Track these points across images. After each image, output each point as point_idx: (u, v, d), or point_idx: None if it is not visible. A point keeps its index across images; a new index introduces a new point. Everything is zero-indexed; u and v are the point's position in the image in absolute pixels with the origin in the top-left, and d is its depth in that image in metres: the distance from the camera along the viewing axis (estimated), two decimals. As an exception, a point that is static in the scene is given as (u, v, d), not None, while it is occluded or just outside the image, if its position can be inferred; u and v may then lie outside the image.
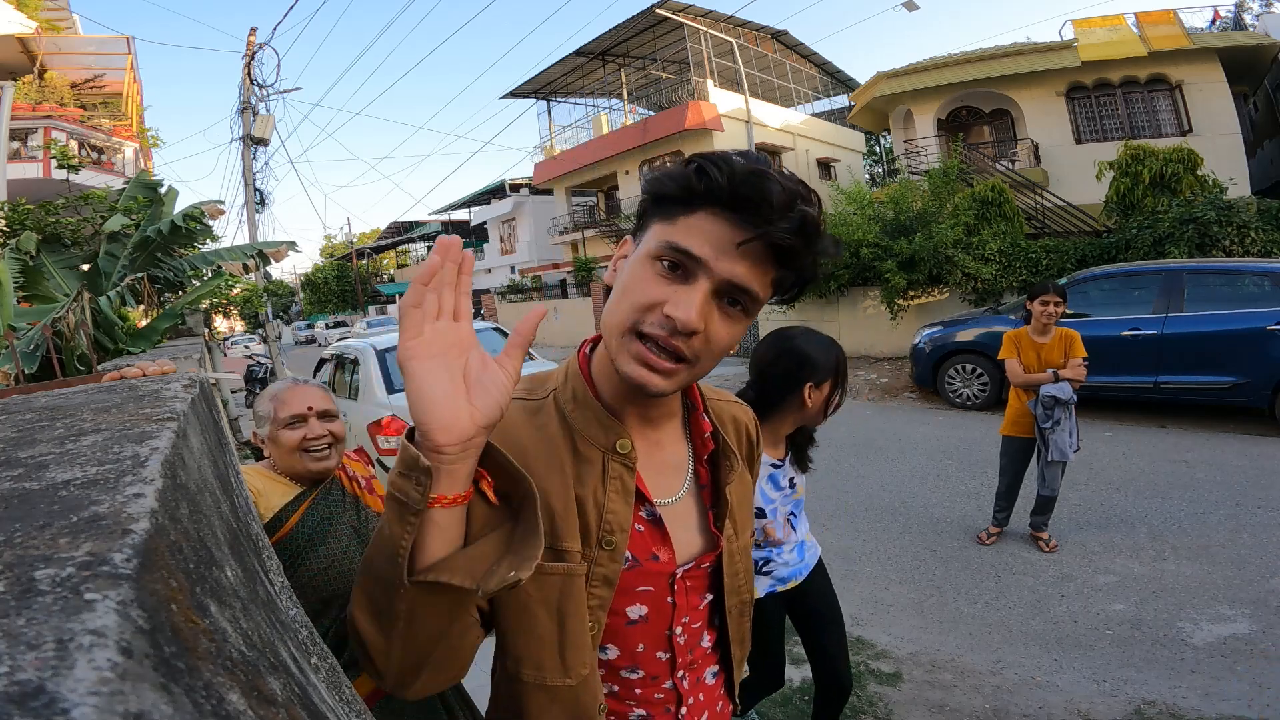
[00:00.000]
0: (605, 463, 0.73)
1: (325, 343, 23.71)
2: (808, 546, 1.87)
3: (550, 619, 0.70)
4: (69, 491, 0.34)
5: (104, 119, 13.99)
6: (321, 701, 0.46)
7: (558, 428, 0.74)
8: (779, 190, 0.60)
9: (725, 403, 0.91)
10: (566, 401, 0.75)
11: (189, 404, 0.62)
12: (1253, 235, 6.97)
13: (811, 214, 0.62)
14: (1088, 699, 2.26)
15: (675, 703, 0.82)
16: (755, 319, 0.73)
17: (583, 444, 0.73)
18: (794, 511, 1.83)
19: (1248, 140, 12.12)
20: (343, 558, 1.35)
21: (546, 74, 18.50)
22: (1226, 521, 3.51)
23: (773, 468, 1.77)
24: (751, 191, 0.60)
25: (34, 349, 3.38)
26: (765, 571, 1.80)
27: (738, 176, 0.60)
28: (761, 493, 1.76)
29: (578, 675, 0.71)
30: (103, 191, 6.62)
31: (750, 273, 0.63)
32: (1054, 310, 3.20)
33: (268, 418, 1.39)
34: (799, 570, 1.82)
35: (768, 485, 1.76)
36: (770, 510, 1.77)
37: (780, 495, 1.78)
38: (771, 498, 1.77)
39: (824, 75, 20.55)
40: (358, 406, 4.29)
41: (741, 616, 0.87)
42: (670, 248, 0.63)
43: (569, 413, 0.74)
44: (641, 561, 0.75)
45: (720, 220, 0.62)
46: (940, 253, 8.36)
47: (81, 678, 0.20)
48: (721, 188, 0.61)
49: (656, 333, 0.63)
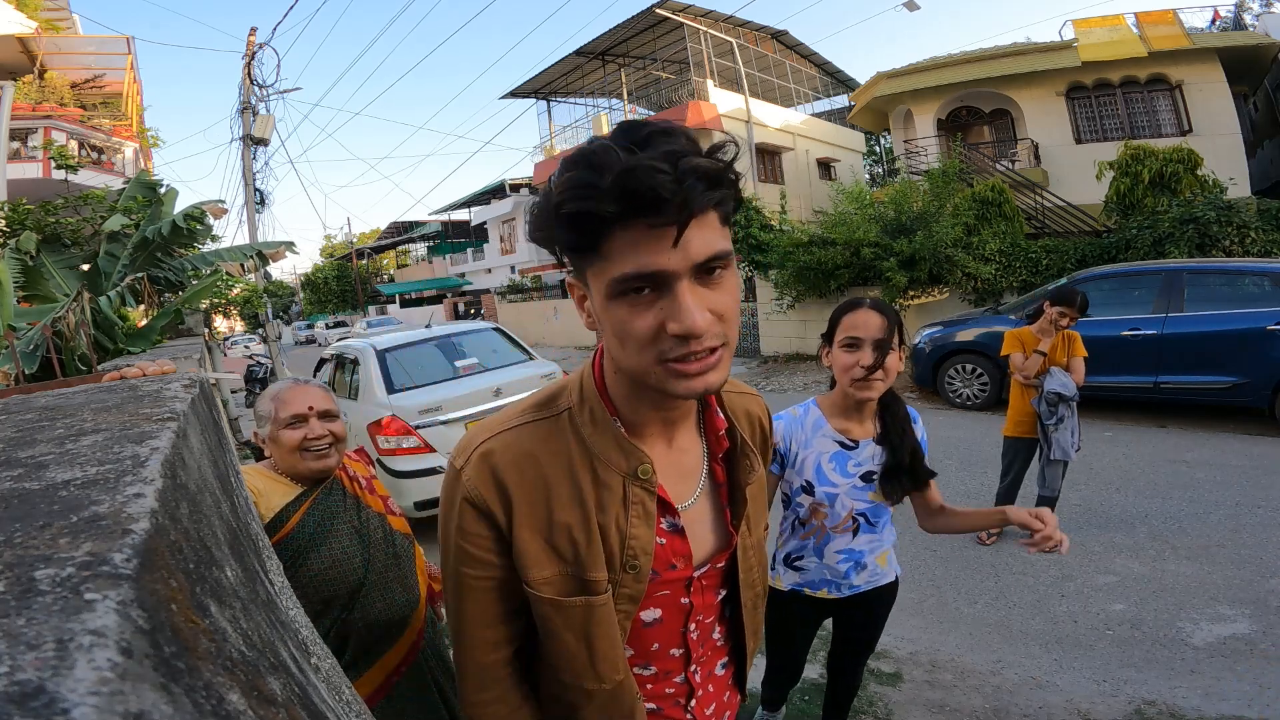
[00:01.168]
0: (626, 488, 0.71)
1: (325, 343, 23.71)
2: (863, 567, 1.62)
3: (579, 641, 0.72)
4: (69, 491, 0.34)
5: (104, 119, 13.98)
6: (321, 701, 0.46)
7: (576, 451, 0.72)
8: (658, 171, 0.53)
9: (739, 394, 0.89)
10: (585, 424, 0.72)
11: (189, 404, 0.62)
12: (1253, 235, 6.97)
13: (699, 161, 0.56)
14: (1088, 699, 2.26)
15: (686, 695, 0.83)
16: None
17: (602, 469, 0.71)
18: (867, 514, 1.58)
19: (1248, 140, 12.11)
20: (343, 558, 1.35)
21: (546, 74, 18.48)
22: (1226, 521, 3.51)
23: (840, 446, 1.56)
24: (639, 191, 0.54)
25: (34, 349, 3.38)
26: (795, 565, 1.66)
27: (614, 192, 0.54)
28: (817, 466, 1.57)
29: (612, 681, 0.74)
30: (102, 191, 6.62)
31: (702, 239, 0.58)
32: (1065, 324, 3.15)
33: (268, 417, 1.39)
34: (835, 585, 1.63)
35: (830, 464, 1.56)
36: (827, 495, 1.56)
37: (847, 483, 1.55)
38: (833, 480, 1.56)
39: (824, 75, 20.53)
40: (358, 406, 4.28)
41: (755, 609, 0.88)
42: (620, 282, 0.59)
43: (587, 436, 0.72)
44: (660, 573, 0.76)
45: (638, 229, 0.56)
46: (940, 252, 8.36)
47: (81, 678, 0.20)
48: (611, 213, 0.55)
49: (679, 352, 0.60)
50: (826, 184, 15.19)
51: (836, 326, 1.50)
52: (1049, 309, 3.20)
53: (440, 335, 4.90)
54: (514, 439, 0.72)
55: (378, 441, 3.94)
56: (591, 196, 0.55)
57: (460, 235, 32.27)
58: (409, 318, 25.90)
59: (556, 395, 0.76)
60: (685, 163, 0.55)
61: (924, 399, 7.14)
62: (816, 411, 1.61)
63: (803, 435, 1.60)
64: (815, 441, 1.58)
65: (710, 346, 0.61)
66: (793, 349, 10.71)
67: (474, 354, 4.75)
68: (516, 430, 0.73)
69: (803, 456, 1.59)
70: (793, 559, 1.66)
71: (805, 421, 1.61)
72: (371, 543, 1.40)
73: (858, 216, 9.27)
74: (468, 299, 27.54)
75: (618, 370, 0.70)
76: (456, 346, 4.82)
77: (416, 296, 32.30)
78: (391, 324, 22.53)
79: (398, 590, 1.40)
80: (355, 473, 1.50)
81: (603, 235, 0.58)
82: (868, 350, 1.42)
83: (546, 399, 0.76)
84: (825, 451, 1.57)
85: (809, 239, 9.60)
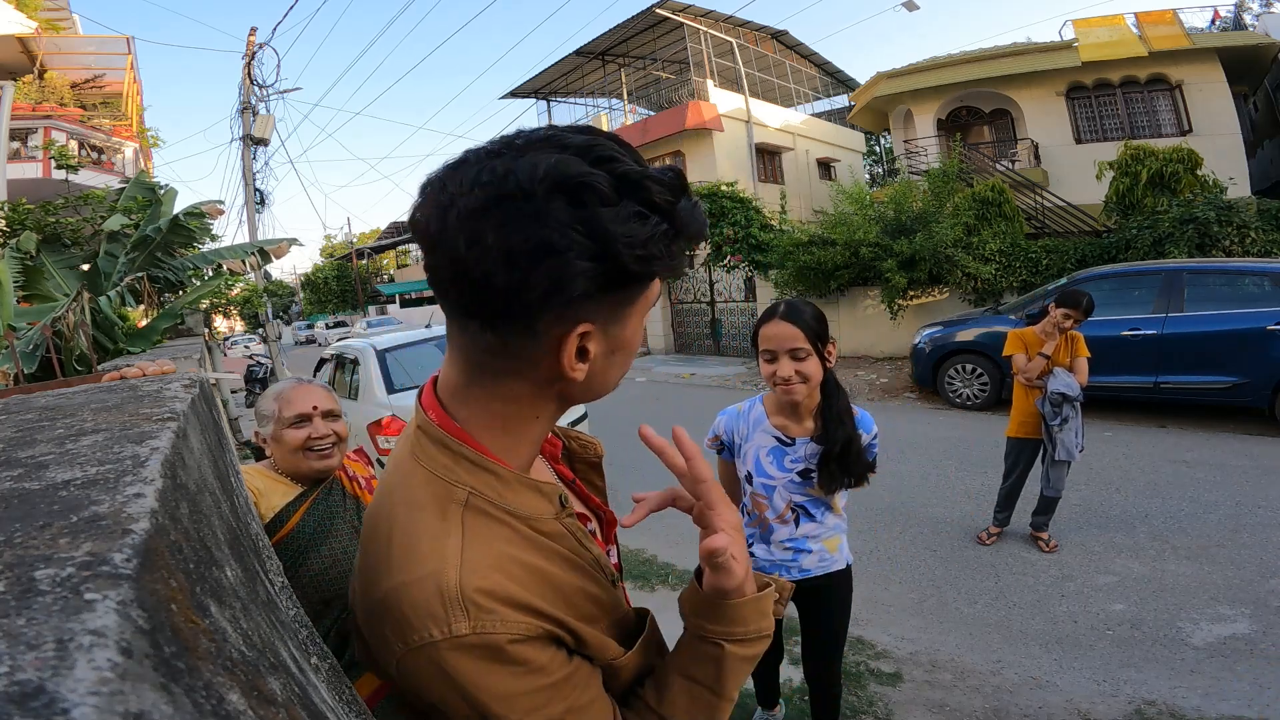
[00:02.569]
0: (564, 523, 0.62)
1: (325, 343, 23.71)
2: (812, 553, 1.71)
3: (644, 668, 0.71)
4: (69, 491, 0.34)
5: (104, 119, 13.99)
6: (322, 702, 0.46)
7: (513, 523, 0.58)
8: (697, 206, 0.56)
9: None
10: (495, 494, 0.58)
11: (189, 404, 0.62)
12: (1253, 235, 6.97)
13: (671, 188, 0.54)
14: (1088, 699, 2.26)
15: None
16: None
17: (540, 523, 0.60)
18: (806, 506, 1.68)
19: (1248, 140, 12.12)
20: (343, 558, 1.35)
21: (546, 74, 18.48)
22: (1226, 521, 3.51)
23: (778, 441, 1.65)
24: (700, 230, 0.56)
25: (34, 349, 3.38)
26: (749, 552, 1.71)
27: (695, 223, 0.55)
28: (756, 458, 1.67)
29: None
30: (102, 191, 6.63)
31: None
32: (1069, 326, 3.15)
33: (272, 417, 1.39)
34: (785, 569, 1.70)
35: (768, 458, 1.66)
36: (764, 486, 1.67)
37: (784, 478, 1.66)
38: (770, 473, 1.67)
39: (824, 75, 20.54)
40: (358, 406, 4.28)
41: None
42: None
43: (508, 504, 0.59)
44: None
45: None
46: (940, 253, 8.36)
47: (81, 678, 0.20)
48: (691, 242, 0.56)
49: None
50: (826, 184, 15.19)
51: (757, 336, 1.60)
52: (1054, 311, 3.17)
53: (440, 335, 4.90)
54: (474, 554, 0.55)
55: (378, 441, 3.94)
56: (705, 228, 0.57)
57: (460, 235, 32.16)
58: (409, 318, 25.90)
59: (439, 493, 0.58)
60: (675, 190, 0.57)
61: (924, 399, 7.14)
62: (760, 407, 1.73)
63: (744, 429, 1.73)
64: (755, 435, 1.70)
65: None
66: (793, 349, 10.69)
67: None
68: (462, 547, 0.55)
69: (745, 449, 1.72)
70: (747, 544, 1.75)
71: (749, 416, 1.74)
72: None
73: (857, 217, 9.27)
74: (468, 299, 27.46)
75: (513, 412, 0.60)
76: (456, 346, 4.81)
77: (416, 296, 32.29)
78: (391, 324, 22.56)
79: None
80: (355, 473, 1.50)
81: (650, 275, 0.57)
82: (784, 361, 1.52)
83: (436, 504, 0.57)
84: (764, 446, 1.68)
85: (809, 239, 9.61)
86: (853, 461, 1.59)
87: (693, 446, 0.64)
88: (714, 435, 1.81)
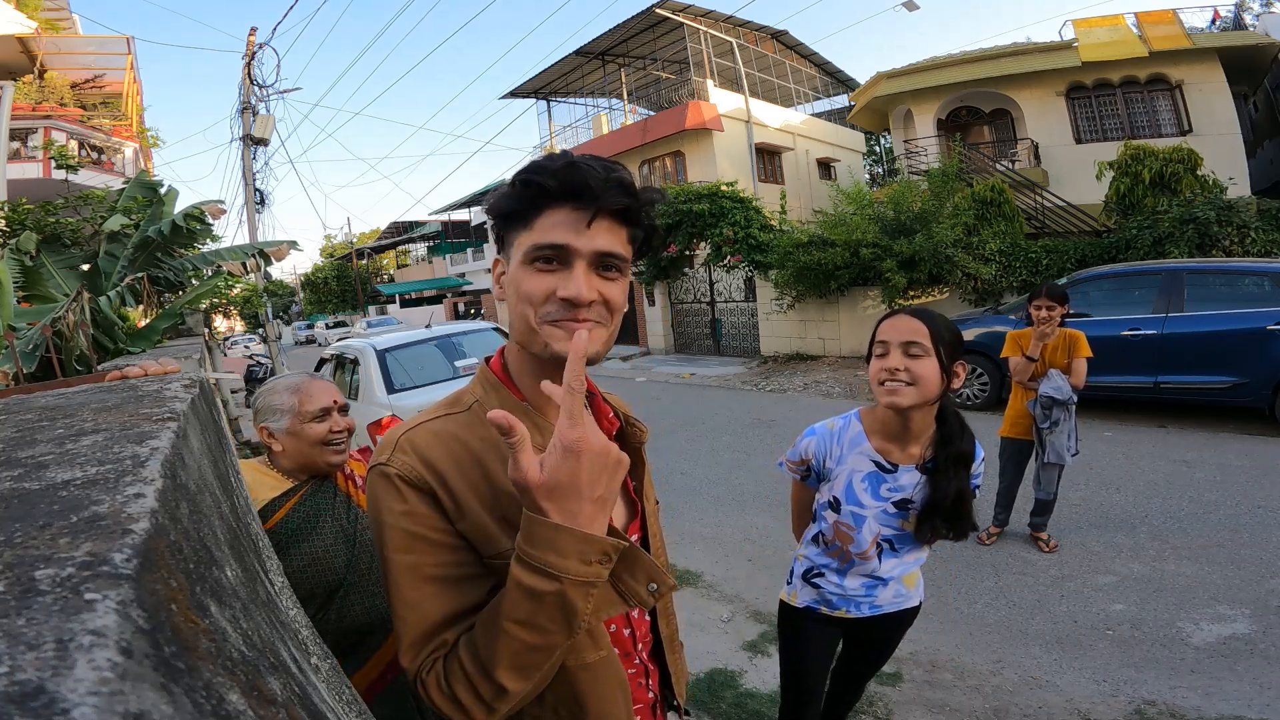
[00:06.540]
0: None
1: (325, 343, 23.71)
2: (888, 587, 1.54)
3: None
4: (69, 491, 0.34)
5: (104, 119, 13.97)
6: (321, 701, 0.46)
7: (495, 436, 0.73)
8: (593, 170, 0.71)
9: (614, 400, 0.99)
10: (491, 403, 0.78)
11: (189, 404, 0.62)
12: (1253, 235, 6.97)
13: (625, 176, 0.74)
14: (1088, 699, 2.26)
15: (645, 675, 0.89)
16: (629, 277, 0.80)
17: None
18: (893, 541, 1.49)
19: (1248, 140, 12.11)
20: (325, 556, 1.32)
21: (546, 74, 18.47)
22: (1226, 521, 3.51)
23: (877, 467, 1.45)
24: (574, 178, 0.71)
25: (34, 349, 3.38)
26: (813, 582, 1.56)
27: (558, 173, 0.71)
28: (848, 483, 1.47)
29: (607, 647, 0.79)
30: (102, 191, 6.63)
31: (608, 239, 0.73)
32: (1047, 315, 3.08)
33: (289, 410, 1.36)
34: (855, 605, 1.54)
35: (862, 484, 1.45)
36: (854, 516, 1.46)
37: (877, 507, 1.45)
38: (863, 501, 1.46)
39: (824, 75, 20.52)
40: (358, 406, 4.28)
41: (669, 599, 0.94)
42: (537, 248, 0.72)
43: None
44: None
45: (563, 211, 0.72)
46: (940, 253, 8.36)
47: (81, 678, 0.20)
48: (551, 187, 0.71)
49: (560, 315, 0.72)
50: (826, 184, 15.19)
51: (873, 340, 1.43)
52: (1030, 309, 3.20)
53: (440, 335, 4.91)
54: (436, 427, 0.77)
55: (377, 441, 3.94)
56: (540, 174, 0.72)
57: (460, 235, 32.25)
58: (409, 318, 25.89)
59: (461, 395, 0.83)
60: (615, 174, 0.72)
61: (924, 399, 7.13)
62: (858, 425, 1.51)
63: (838, 450, 1.51)
64: (850, 458, 1.48)
65: (590, 318, 0.73)
66: (792, 349, 10.71)
67: (474, 353, 4.75)
68: (433, 422, 0.78)
69: (835, 472, 1.50)
70: (811, 575, 1.57)
71: (844, 435, 1.51)
72: (359, 543, 1.37)
73: (857, 217, 9.28)
74: (468, 299, 27.55)
75: (520, 350, 0.78)
76: (456, 346, 4.82)
77: (416, 296, 32.32)
78: (391, 324, 22.55)
79: (381, 594, 1.35)
80: (353, 471, 1.49)
81: (537, 208, 0.73)
82: (895, 353, 1.34)
83: (452, 399, 0.83)
84: (860, 470, 1.47)
85: (809, 239, 9.60)
86: (961, 518, 1.41)
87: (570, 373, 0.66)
88: (800, 459, 1.58)
